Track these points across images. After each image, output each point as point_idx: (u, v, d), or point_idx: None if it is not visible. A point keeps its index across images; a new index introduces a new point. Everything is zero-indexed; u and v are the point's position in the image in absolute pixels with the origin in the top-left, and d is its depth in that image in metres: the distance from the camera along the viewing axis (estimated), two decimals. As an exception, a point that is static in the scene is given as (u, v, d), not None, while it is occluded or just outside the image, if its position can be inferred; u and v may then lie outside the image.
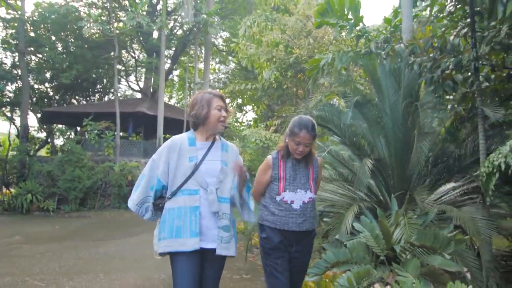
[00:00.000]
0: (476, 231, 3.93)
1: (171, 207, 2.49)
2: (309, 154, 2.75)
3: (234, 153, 2.71)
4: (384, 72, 5.81)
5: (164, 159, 2.53)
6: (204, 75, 18.60)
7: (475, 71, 4.53)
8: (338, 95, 10.98)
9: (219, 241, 2.45)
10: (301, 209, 2.68)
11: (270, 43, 11.31)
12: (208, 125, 2.57)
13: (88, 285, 4.81)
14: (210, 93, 2.63)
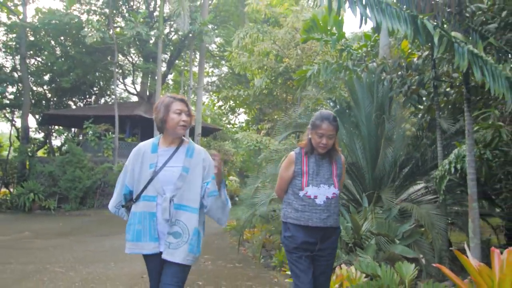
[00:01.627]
0: (430, 224, 4.66)
1: (134, 211, 2.53)
2: (333, 150, 2.73)
3: (199, 158, 2.58)
4: (360, 86, 6.56)
5: (131, 166, 2.57)
6: (198, 80, 19.25)
7: (434, 88, 5.27)
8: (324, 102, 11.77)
9: (166, 246, 2.44)
10: (325, 205, 2.65)
11: (261, 53, 12.00)
12: (168, 130, 2.52)
13: (102, 271, 5.46)
14: (171, 97, 2.57)
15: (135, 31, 14.06)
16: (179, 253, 2.42)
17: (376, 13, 3.54)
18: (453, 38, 3.39)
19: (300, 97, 11.18)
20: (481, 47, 3.61)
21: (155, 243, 2.45)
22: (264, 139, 12.02)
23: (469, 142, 3.86)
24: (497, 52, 4.16)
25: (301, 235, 2.64)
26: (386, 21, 3.52)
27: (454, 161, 4.38)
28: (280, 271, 5.38)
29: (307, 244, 2.64)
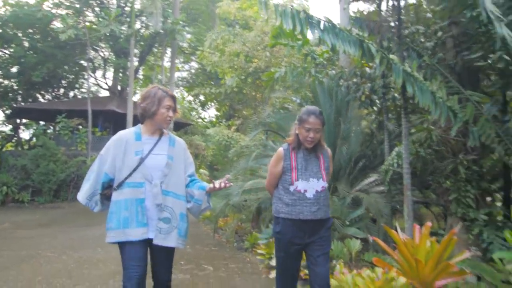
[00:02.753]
0: (377, 210, 5.53)
1: (117, 199, 2.52)
2: (319, 144, 2.79)
3: (181, 148, 2.71)
4: (322, 90, 7.38)
5: (112, 154, 2.56)
6: (170, 76, 19.69)
7: (383, 95, 6.14)
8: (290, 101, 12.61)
9: (157, 232, 2.49)
10: (315, 198, 2.70)
11: (232, 53, 12.67)
12: (154, 121, 2.59)
13: (92, 255, 6.04)
14: (164, 91, 2.62)
15: (109, 29, 14.39)
16: (171, 238, 2.52)
17: (331, 37, 4.30)
18: (390, 59, 4.23)
19: (268, 96, 11.98)
20: (414, 66, 4.47)
21: (143, 229, 2.47)
22: (235, 135, 12.72)
23: (405, 142, 4.72)
24: (430, 68, 5.03)
25: (290, 230, 2.70)
26: (339, 44, 4.29)
27: (396, 158, 5.28)
28: (252, 252, 6.15)
29: (296, 238, 2.70)
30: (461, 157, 4.68)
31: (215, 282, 4.70)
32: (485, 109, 4.42)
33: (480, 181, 4.63)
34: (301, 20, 4.26)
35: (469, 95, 4.44)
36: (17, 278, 4.72)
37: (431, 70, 5.02)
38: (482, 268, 3.25)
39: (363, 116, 7.66)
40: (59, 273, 4.97)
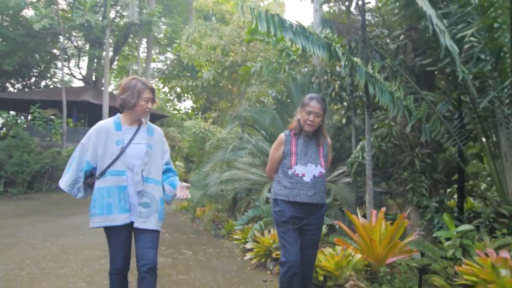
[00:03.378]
0: (343, 199, 6.07)
1: (100, 186, 2.64)
2: (320, 133, 2.94)
3: (159, 136, 2.83)
4: (295, 86, 7.85)
5: (93, 143, 2.67)
6: (146, 67, 19.81)
7: (351, 92, 6.66)
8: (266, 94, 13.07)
9: (137, 216, 2.64)
10: (312, 182, 2.83)
11: (209, 46, 12.98)
12: (134, 112, 2.69)
13: (74, 243, 6.36)
14: (143, 84, 2.71)
15: (84, 19, 14.43)
16: (151, 221, 2.67)
17: (303, 40, 4.75)
18: (355, 62, 4.73)
19: (244, 90, 12.40)
20: (377, 67, 5.00)
21: (125, 214, 2.61)
22: (211, 127, 13.10)
23: (368, 137, 5.26)
24: (392, 69, 5.57)
25: (289, 210, 2.84)
26: (309, 46, 4.75)
27: (360, 151, 5.82)
28: (228, 238, 6.61)
29: (295, 218, 2.84)
30: (417, 151, 5.24)
31: (194, 264, 5.14)
32: (438, 108, 4.99)
33: (433, 172, 5.22)
34: (275, 23, 4.70)
35: (425, 95, 4.99)
36: (5, 262, 5.02)
37: (392, 71, 5.56)
38: (425, 246, 3.81)
39: (334, 112, 8.19)
40: (45, 257, 5.30)
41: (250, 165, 7.39)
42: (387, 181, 7.35)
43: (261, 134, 7.97)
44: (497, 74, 4.01)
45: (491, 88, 4.14)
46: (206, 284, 4.25)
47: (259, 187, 6.63)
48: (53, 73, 24.62)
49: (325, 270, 3.55)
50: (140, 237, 2.68)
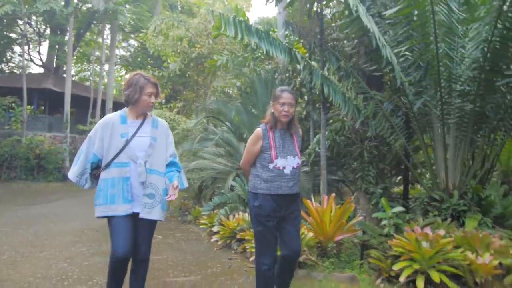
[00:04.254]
0: (302, 186, 6.71)
1: (105, 177, 2.77)
2: (293, 124, 3.06)
3: (164, 129, 2.94)
4: (259, 81, 8.43)
5: (99, 136, 2.81)
6: (110, 56, 19.76)
7: (310, 89, 7.33)
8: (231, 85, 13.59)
9: (142, 207, 2.75)
10: (291, 174, 2.95)
11: (176, 38, 13.29)
12: (137, 107, 2.80)
13: (46, 230, 6.70)
14: (145, 79, 2.81)
15: (48, 7, 14.31)
16: (155, 212, 2.79)
17: (266, 44, 5.32)
18: (312, 66, 5.36)
19: (211, 81, 12.87)
20: (332, 70, 5.67)
21: (128, 205, 2.73)
22: (177, 117, 13.46)
23: (323, 130, 5.93)
24: (345, 71, 6.25)
25: (269, 204, 2.91)
26: (273, 50, 5.33)
27: (316, 143, 6.51)
28: (195, 223, 7.16)
29: (275, 211, 2.93)
30: (365, 144, 5.97)
31: (165, 246, 5.67)
32: (384, 106, 5.71)
33: (379, 163, 5.96)
34: (242, 28, 5.24)
35: (373, 95, 5.70)
36: (-18, 248, 5.34)
37: (346, 72, 6.24)
38: (366, 225, 4.53)
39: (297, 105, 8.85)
40: (22, 243, 5.65)
41: (215, 155, 7.94)
42: (342, 171, 8.11)
43: (226, 126, 8.53)
44: (425, 82, 4.76)
45: (425, 93, 4.88)
46: (177, 262, 4.79)
47: (224, 176, 7.21)
48: (9, 57, 23.96)
49: (282, 247, 4.19)
50: (140, 228, 2.79)
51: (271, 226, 2.94)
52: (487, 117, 5.05)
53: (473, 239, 3.90)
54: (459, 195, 4.87)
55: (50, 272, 4.28)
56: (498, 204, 4.85)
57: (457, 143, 5.02)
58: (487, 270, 3.60)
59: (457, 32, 4.31)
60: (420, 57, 4.61)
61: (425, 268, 3.51)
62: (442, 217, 4.68)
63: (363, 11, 4.30)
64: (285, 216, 2.97)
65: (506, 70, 4.49)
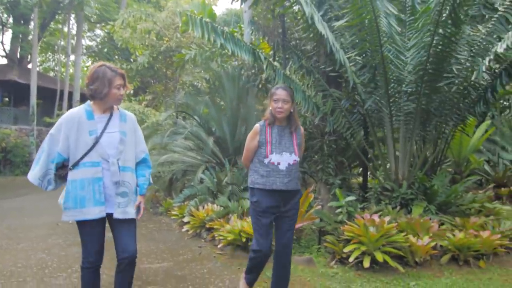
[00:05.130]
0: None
1: (73, 178, 2.56)
2: (292, 120, 3.07)
3: (132, 122, 2.77)
4: (226, 76, 8.75)
5: (64, 134, 2.57)
6: (76, 47, 19.48)
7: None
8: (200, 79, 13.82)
9: (116, 207, 2.58)
10: (287, 170, 2.97)
11: (144, 31, 13.35)
12: (106, 101, 2.61)
13: (20, 223, 6.84)
14: (112, 71, 2.60)
15: (12, -3, 14.05)
16: (130, 210, 2.63)
17: (232, 45, 5.65)
18: (274, 66, 5.75)
19: (179, 75, 13.06)
20: (293, 70, 6.07)
21: (100, 207, 2.55)
22: (146, 110, 13.59)
23: (286, 127, 6.34)
24: (306, 69, 6.66)
25: (266, 200, 2.96)
26: (237, 50, 5.66)
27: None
28: (166, 215, 7.48)
29: (272, 207, 2.98)
30: (325, 138, 6.43)
31: (138, 237, 5.90)
32: (342, 103, 6.17)
33: (337, 156, 6.45)
34: (208, 29, 5.54)
35: (332, 92, 6.14)
36: (-42, 242, 5.50)
37: (307, 70, 6.66)
38: (323, 213, 5.00)
39: (262, 101, 9.23)
40: (0, 234, 5.84)
41: (185, 149, 8.26)
42: (307, 163, 8.60)
43: (195, 120, 8.82)
44: (375, 84, 5.25)
45: (375, 93, 5.37)
46: (150, 251, 5.11)
47: (194, 169, 7.55)
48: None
49: (247, 234, 4.58)
50: (119, 229, 2.63)
51: (265, 222, 2.99)
52: (433, 114, 5.61)
53: (415, 224, 4.44)
54: (407, 185, 5.42)
55: (30, 262, 4.53)
56: (442, 193, 5.43)
57: (406, 138, 5.55)
58: (425, 251, 4.14)
59: (397, 41, 4.78)
60: (370, 61, 5.09)
61: (371, 249, 4.00)
62: (392, 205, 5.22)
63: (318, 19, 4.71)
64: (281, 214, 3.03)
65: (446, 72, 5.04)
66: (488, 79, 5.33)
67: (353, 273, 3.97)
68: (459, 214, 5.22)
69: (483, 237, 4.22)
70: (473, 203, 5.47)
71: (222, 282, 3.89)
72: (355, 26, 4.80)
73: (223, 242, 4.88)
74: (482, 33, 4.93)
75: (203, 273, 4.17)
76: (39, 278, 3.99)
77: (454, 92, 5.27)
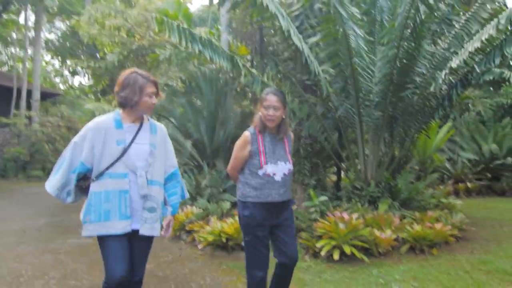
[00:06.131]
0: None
1: (97, 190, 2.56)
2: (283, 126, 3.03)
3: (163, 134, 2.80)
4: (204, 79, 9.53)
5: (89, 143, 2.57)
6: (36, 42, 19.80)
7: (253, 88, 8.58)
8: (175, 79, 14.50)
9: (143, 222, 2.59)
10: (282, 180, 2.95)
11: (113, 27, 13.91)
12: (137, 110, 2.63)
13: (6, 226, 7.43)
14: (144, 78, 2.63)
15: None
16: (157, 226, 2.67)
17: (210, 51, 6.42)
18: (252, 72, 6.61)
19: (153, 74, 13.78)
20: (270, 76, 6.96)
21: (126, 221, 2.55)
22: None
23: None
24: (284, 75, 7.55)
25: (260, 213, 2.94)
26: (215, 57, 6.45)
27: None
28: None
29: (265, 220, 2.96)
30: (301, 141, 7.35)
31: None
32: (317, 108, 7.10)
33: (312, 158, 7.39)
34: (186, 35, 6.29)
35: (308, 98, 7.05)
36: None
37: (284, 76, 7.56)
38: (298, 212, 5.87)
39: (240, 104, 10.08)
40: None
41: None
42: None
43: (171, 122, 9.53)
44: (344, 94, 6.22)
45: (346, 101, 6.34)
46: (134, 251, 5.83)
47: (173, 172, 8.31)
48: None
49: (227, 234, 5.41)
50: (137, 246, 2.67)
51: (262, 236, 2.96)
52: (398, 119, 6.63)
53: (380, 220, 5.42)
54: (375, 184, 6.42)
55: (2, 271, 4.76)
56: (405, 190, 6.45)
57: (374, 142, 6.55)
58: (388, 243, 5.11)
59: (365, 57, 5.75)
60: (342, 73, 6.06)
61: (341, 243, 4.93)
62: (361, 203, 6.21)
63: (294, 32, 5.62)
64: (277, 224, 3.01)
65: (409, 83, 6.05)
66: (446, 88, 6.40)
67: (324, 265, 4.85)
68: (420, 209, 6.34)
69: (436, 229, 5.27)
70: (432, 199, 6.61)
71: (203, 279, 4.51)
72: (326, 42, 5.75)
73: (203, 243, 5.59)
74: (442, 47, 5.98)
75: (185, 272, 4.77)
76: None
77: (416, 101, 6.30)
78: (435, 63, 5.92)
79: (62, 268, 4.91)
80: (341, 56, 5.72)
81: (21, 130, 18.21)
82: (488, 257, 5.03)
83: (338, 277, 4.47)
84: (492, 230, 6.51)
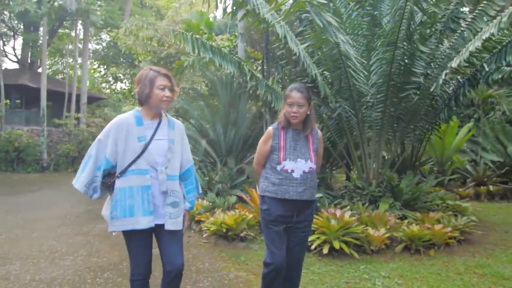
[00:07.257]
0: (253, 176, 7.75)
1: (121, 186, 2.44)
2: (309, 123, 2.75)
3: (180, 130, 2.66)
4: (220, 83, 9.31)
5: (112, 140, 2.47)
6: (83, 53, 20.15)
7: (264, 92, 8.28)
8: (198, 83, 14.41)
9: (167, 217, 2.47)
10: (302, 178, 2.69)
11: (146, 38, 13.98)
12: (150, 104, 2.49)
13: (33, 216, 7.35)
14: (155, 71, 2.50)
15: (23, 8, 14.69)
16: (180, 221, 2.53)
17: (219, 58, 6.22)
18: (258, 77, 6.32)
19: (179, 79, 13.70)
20: (275, 80, 6.64)
21: (150, 217, 2.43)
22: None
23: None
24: (289, 78, 7.24)
25: (277, 209, 2.70)
26: (224, 63, 6.23)
27: (266, 140, 7.49)
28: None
29: (283, 217, 2.71)
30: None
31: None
32: (321, 109, 6.73)
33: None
34: (198, 45, 6.12)
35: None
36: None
37: (290, 79, 7.24)
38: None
39: (252, 106, 9.80)
40: (14, 227, 6.45)
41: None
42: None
43: (190, 123, 9.39)
44: (340, 96, 5.82)
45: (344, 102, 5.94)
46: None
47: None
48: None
49: (227, 225, 5.17)
50: (167, 240, 2.53)
51: (277, 231, 2.73)
52: (401, 120, 6.17)
53: (375, 218, 5.00)
54: (376, 184, 5.99)
55: (43, 247, 5.25)
56: (409, 191, 5.95)
57: (376, 142, 6.12)
58: (380, 240, 4.70)
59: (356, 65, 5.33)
60: (336, 76, 5.67)
61: (331, 239, 4.57)
62: (362, 202, 5.80)
63: (291, 38, 5.28)
64: (295, 225, 2.76)
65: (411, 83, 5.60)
66: (453, 88, 5.88)
67: (314, 259, 4.51)
68: (424, 210, 5.77)
69: (434, 230, 4.77)
70: (437, 200, 6.04)
71: (203, 264, 4.53)
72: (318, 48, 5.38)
73: (207, 233, 5.45)
74: (447, 46, 5.48)
75: (188, 258, 4.72)
76: (50, 260, 4.68)
77: (419, 101, 5.83)
78: (439, 63, 5.44)
79: (89, 247, 5.30)
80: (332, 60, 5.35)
81: (71, 130, 18.82)
82: (488, 261, 4.45)
83: (325, 270, 4.16)
84: (503, 235, 5.69)
